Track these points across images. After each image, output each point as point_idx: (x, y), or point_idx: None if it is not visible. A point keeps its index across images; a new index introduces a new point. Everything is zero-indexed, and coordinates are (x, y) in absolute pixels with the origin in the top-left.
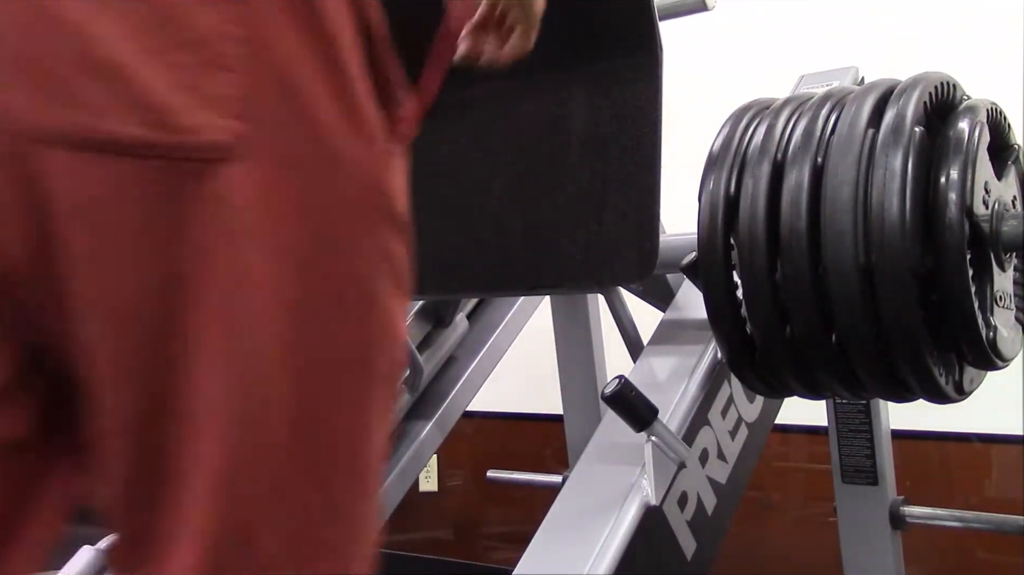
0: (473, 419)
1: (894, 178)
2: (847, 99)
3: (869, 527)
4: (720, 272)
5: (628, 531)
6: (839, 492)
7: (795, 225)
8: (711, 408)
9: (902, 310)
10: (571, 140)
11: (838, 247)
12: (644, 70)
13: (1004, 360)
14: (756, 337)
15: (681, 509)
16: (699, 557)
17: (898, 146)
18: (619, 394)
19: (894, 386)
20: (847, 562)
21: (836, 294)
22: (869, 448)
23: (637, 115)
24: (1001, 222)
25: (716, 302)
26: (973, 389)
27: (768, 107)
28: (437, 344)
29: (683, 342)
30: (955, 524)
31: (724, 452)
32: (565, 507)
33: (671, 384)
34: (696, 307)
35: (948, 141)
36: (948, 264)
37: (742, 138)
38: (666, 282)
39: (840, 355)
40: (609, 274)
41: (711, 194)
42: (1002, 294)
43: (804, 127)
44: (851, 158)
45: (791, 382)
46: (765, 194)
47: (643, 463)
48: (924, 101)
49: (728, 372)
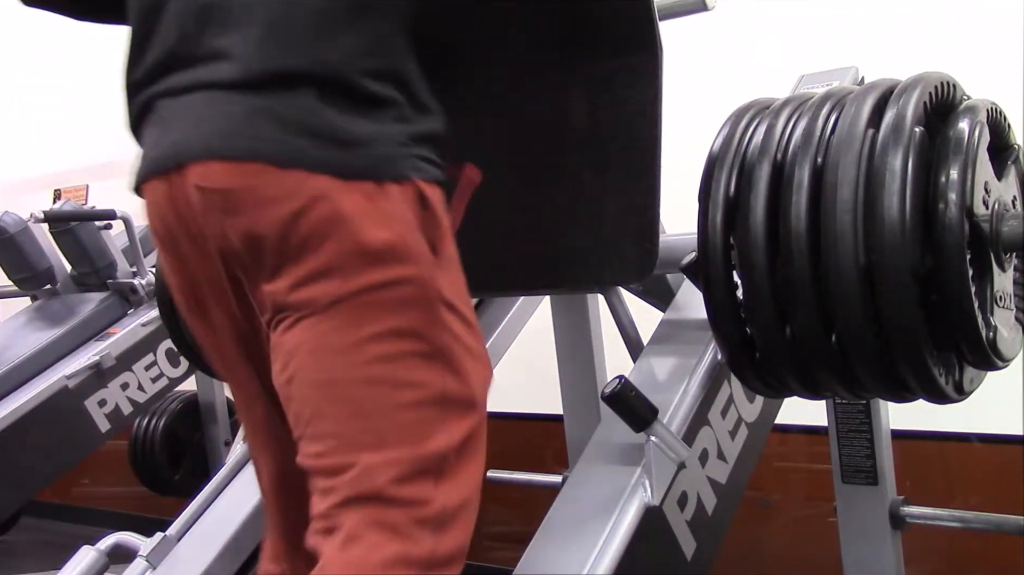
0: None
1: (894, 178)
2: (847, 99)
3: (869, 527)
4: (720, 272)
5: (628, 531)
6: (839, 492)
7: (795, 225)
8: (711, 408)
9: (902, 310)
10: (571, 140)
11: (838, 247)
12: (644, 70)
13: (1004, 360)
14: (756, 337)
15: (681, 509)
16: (699, 557)
17: (898, 146)
18: (619, 394)
19: (894, 386)
20: (847, 562)
21: (836, 294)
22: (869, 448)
23: (637, 115)
24: (1001, 222)
25: (716, 302)
26: (973, 389)
27: (768, 107)
28: None
29: (683, 342)
30: (955, 524)
31: (724, 452)
32: (565, 507)
33: (671, 384)
34: (696, 307)
35: (948, 141)
36: (948, 264)
37: (742, 138)
38: (666, 282)
39: (840, 355)
40: (609, 274)
41: (711, 194)
42: (1002, 294)
43: (804, 127)
44: (851, 158)
45: (791, 382)
46: (765, 194)
47: (643, 463)
48: (924, 101)
49: (728, 372)
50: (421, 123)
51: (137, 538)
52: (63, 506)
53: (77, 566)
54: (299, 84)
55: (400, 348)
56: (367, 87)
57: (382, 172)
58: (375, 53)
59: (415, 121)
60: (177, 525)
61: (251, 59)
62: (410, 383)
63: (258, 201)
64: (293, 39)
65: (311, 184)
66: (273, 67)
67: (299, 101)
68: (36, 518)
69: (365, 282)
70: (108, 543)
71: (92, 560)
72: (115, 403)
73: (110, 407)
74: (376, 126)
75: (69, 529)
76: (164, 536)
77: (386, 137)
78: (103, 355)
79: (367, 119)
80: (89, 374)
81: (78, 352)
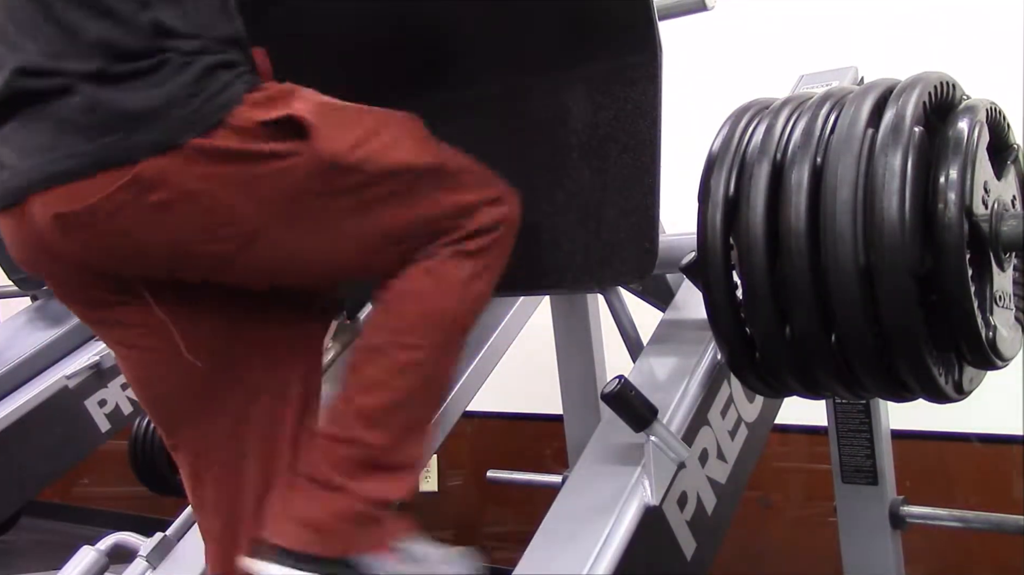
0: (473, 419)
1: (894, 178)
2: (847, 99)
3: (869, 527)
4: (720, 272)
5: (628, 531)
6: (839, 492)
7: (795, 225)
8: (711, 408)
9: (902, 310)
10: (571, 140)
11: (838, 247)
12: (644, 70)
13: (1004, 360)
14: (756, 337)
15: (681, 509)
16: (699, 557)
17: (898, 146)
18: (619, 394)
19: (894, 386)
20: (847, 562)
21: (836, 294)
22: (869, 448)
23: (637, 115)
24: (1001, 222)
25: (716, 302)
26: (973, 389)
27: (768, 107)
28: None
29: (683, 342)
30: (955, 524)
31: (724, 452)
32: (565, 507)
33: (671, 384)
34: (696, 307)
35: (948, 141)
36: (947, 264)
37: (742, 138)
38: (666, 282)
39: (840, 355)
40: (609, 274)
41: (711, 194)
42: (1002, 294)
43: (804, 127)
44: (851, 158)
45: (791, 382)
46: (765, 194)
47: (643, 463)
48: (924, 101)
49: (728, 372)
50: (210, 51)
51: (137, 538)
52: (63, 506)
53: (77, 566)
54: (72, 82)
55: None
56: (132, 54)
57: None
58: (123, 23)
59: (205, 53)
60: (177, 525)
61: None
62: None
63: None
64: (46, 42)
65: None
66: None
67: (77, 101)
68: (36, 518)
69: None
70: (108, 543)
71: (92, 560)
72: (115, 403)
73: (110, 407)
74: (157, 91)
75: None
76: (164, 536)
77: (172, 99)
78: (103, 355)
79: (149, 86)
80: (89, 374)
81: (78, 352)
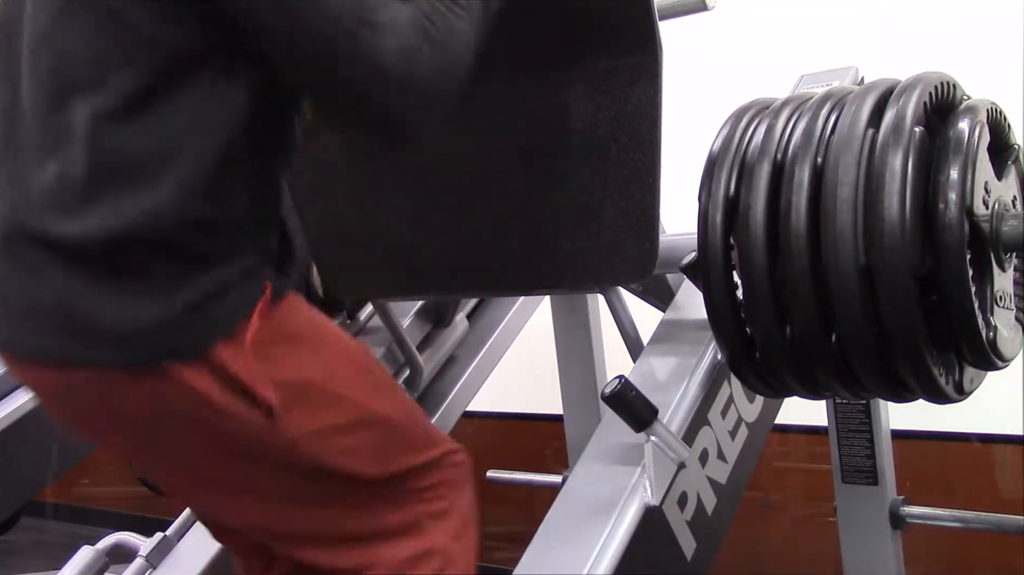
0: (473, 419)
1: (894, 178)
2: (847, 99)
3: (869, 527)
4: (720, 272)
5: (628, 531)
6: (839, 492)
7: (795, 225)
8: (711, 408)
9: (902, 310)
10: (571, 140)
11: (838, 247)
12: (644, 70)
13: (1004, 360)
14: (756, 337)
15: (681, 509)
16: (699, 557)
17: (898, 146)
18: (619, 394)
19: (894, 386)
20: (847, 562)
21: (836, 294)
22: (869, 448)
23: (637, 115)
24: (1001, 222)
25: (716, 302)
26: (973, 389)
27: (768, 107)
28: (437, 344)
29: (683, 342)
30: (955, 524)
31: (724, 452)
32: (565, 507)
33: (671, 384)
34: (696, 307)
35: (948, 141)
36: (948, 264)
37: (742, 138)
38: (666, 282)
39: (840, 355)
40: (609, 274)
41: (711, 194)
42: (1002, 294)
43: (804, 127)
44: (851, 158)
45: (791, 382)
46: (765, 194)
47: (643, 463)
48: (924, 101)
49: (728, 372)
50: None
51: (137, 538)
52: (63, 506)
53: (77, 566)
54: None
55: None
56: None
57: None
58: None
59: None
60: (177, 525)
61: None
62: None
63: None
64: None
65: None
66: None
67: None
68: (36, 518)
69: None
70: (108, 543)
71: (92, 560)
72: None
73: None
74: (155, 305)
75: (69, 529)
76: (164, 536)
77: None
78: None
79: (149, 297)
80: None
81: None
